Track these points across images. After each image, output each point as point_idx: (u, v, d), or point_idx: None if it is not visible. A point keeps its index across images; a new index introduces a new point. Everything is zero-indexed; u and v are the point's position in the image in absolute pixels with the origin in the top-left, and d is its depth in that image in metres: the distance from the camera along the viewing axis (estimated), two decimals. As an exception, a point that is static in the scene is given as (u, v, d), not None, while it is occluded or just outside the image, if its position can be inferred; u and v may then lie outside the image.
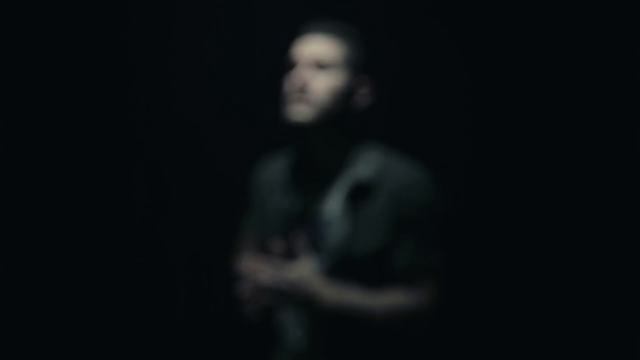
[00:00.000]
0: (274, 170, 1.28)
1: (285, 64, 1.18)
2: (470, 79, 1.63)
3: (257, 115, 1.73)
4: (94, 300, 1.81)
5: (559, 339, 1.56)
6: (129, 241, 1.84)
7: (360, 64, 1.16)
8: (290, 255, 1.06)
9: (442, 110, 1.65)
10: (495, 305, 1.61)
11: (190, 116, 1.80)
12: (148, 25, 1.78)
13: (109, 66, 1.80)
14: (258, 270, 1.03)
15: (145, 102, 1.81)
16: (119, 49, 1.80)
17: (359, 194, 1.13)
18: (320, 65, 1.12)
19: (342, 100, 1.13)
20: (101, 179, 1.82)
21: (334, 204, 1.15)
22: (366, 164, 1.15)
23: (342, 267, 1.10)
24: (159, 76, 1.79)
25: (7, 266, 1.75)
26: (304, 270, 1.05)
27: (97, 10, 1.76)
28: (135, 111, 1.82)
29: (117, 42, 1.79)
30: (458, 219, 1.55)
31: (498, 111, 1.63)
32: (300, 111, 1.10)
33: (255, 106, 1.74)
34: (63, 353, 1.76)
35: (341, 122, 1.14)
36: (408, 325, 1.12)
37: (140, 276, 1.84)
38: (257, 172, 1.34)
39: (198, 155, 1.81)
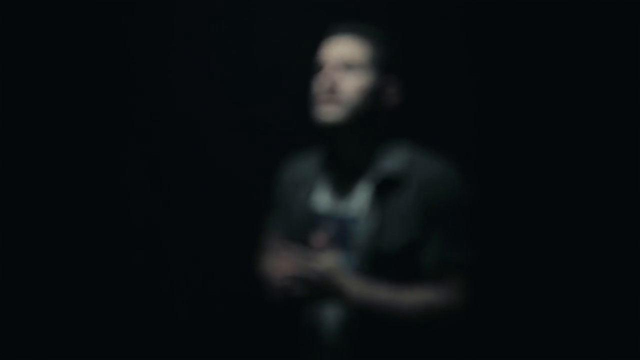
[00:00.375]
0: (299, 169, 1.30)
1: (313, 67, 1.20)
2: (480, 77, 1.64)
3: (268, 118, 1.74)
4: (97, 303, 1.79)
5: (585, 338, 1.55)
6: (136, 244, 1.83)
7: (388, 64, 1.18)
8: (317, 251, 1.07)
9: (460, 108, 1.66)
10: (521, 302, 1.59)
11: (195, 118, 1.80)
12: (150, 30, 1.78)
13: (111, 73, 1.79)
14: (285, 262, 1.03)
15: (148, 102, 1.81)
16: (122, 53, 1.79)
17: (386, 189, 1.14)
18: (348, 66, 1.14)
19: (371, 100, 1.14)
20: (102, 180, 1.81)
21: (361, 200, 1.16)
22: (394, 160, 1.16)
23: (370, 264, 1.11)
24: (162, 78, 1.78)
25: (9, 275, 1.73)
26: (331, 263, 1.05)
27: (100, 16, 1.76)
28: (137, 110, 1.81)
29: (120, 46, 1.79)
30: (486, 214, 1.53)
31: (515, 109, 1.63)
32: (329, 112, 1.12)
33: (268, 109, 1.74)
34: (62, 354, 1.75)
35: (370, 122, 1.16)
36: (436, 323, 1.11)
37: (154, 279, 1.83)
38: (282, 172, 1.35)
39: (204, 158, 1.80)
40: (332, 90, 1.12)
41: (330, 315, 1.16)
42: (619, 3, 1.50)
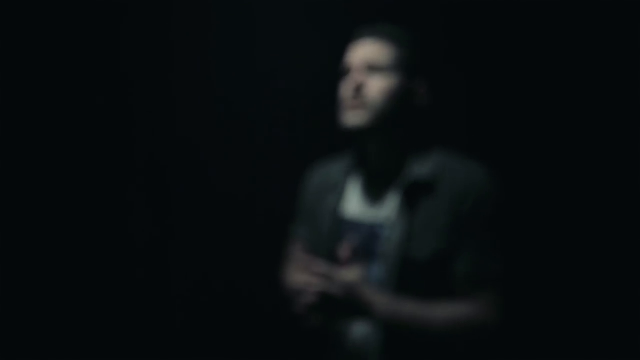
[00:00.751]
0: (327, 174, 1.26)
1: (339, 72, 1.18)
2: (478, 79, 1.62)
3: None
4: (101, 310, 1.79)
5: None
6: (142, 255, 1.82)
7: (414, 66, 1.15)
8: (344, 260, 1.03)
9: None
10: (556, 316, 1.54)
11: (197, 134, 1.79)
12: (150, 34, 1.78)
13: (109, 75, 1.80)
14: (309, 276, 0.99)
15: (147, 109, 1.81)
16: (120, 58, 1.79)
17: (417, 195, 1.10)
18: (372, 68, 1.11)
19: (397, 102, 1.11)
20: (103, 183, 1.81)
21: (390, 206, 1.12)
22: (424, 165, 1.12)
23: (398, 273, 1.07)
24: (161, 85, 1.79)
25: (10, 287, 1.73)
26: (355, 277, 1.01)
27: (99, 35, 1.77)
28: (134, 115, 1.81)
29: (116, 48, 1.79)
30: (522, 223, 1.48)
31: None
32: (355, 116, 1.10)
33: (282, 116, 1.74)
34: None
35: (398, 125, 1.13)
36: (467, 340, 1.06)
37: (170, 285, 1.82)
38: (308, 178, 1.32)
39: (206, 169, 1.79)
40: (357, 94, 1.10)
41: (357, 330, 1.12)
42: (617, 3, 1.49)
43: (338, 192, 1.20)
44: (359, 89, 1.10)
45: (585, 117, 1.53)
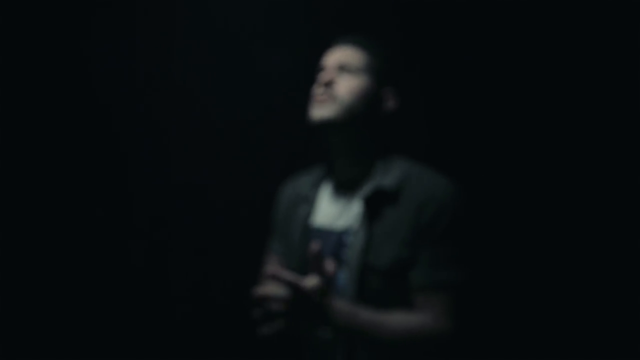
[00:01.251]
0: (298, 187, 1.30)
1: (314, 74, 1.24)
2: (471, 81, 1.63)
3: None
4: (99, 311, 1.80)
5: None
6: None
7: (383, 73, 1.20)
8: (312, 256, 1.03)
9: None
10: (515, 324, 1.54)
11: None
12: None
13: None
14: (274, 284, 0.99)
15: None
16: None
17: (381, 204, 1.12)
18: (344, 69, 1.17)
19: (364, 102, 1.15)
20: (104, 185, 1.83)
21: (353, 213, 1.15)
22: (389, 174, 1.14)
23: (359, 279, 1.08)
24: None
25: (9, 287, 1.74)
26: (316, 284, 1.00)
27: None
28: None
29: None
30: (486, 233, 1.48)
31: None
32: (323, 108, 1.14)
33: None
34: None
35: (363, 124, 1.16)
36: (421, 349, 1.06)
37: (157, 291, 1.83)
38: (280, 192, 1.36)
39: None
40: (327, 89, 1.15)
41: (314, 336, 1.13)
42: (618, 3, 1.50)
43: (309, 202, 1.23)
44: (328, 84, 1.15)
45: (547, 123, 1.55)
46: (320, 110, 1.14)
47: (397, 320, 1.05)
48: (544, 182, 1.56)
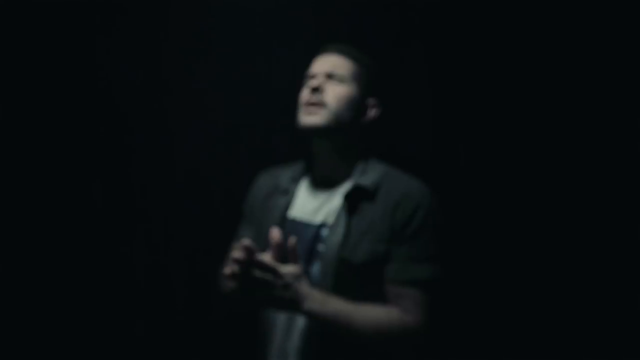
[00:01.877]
0: (276, 178, 1.33)
1: (303, 82, 1.28)
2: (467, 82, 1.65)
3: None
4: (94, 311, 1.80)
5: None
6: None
7: (369, 83, 1.26)
8: (284, 258, 1.05)
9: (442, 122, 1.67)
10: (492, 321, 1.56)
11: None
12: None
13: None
14: (249, 258, 0.99)
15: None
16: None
17: (358, 202, 1.17)
18: (332, 77, 1.22)
19: (351, 109, 1.21)
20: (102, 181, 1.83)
21: (333, 209, 1.19)
22: (367, 174, 1.21)
23: (333, 272, 1.12)
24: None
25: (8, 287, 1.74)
26: (294, 269, 1.03)
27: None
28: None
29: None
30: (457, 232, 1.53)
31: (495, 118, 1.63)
32: (312, 115, 1.18)
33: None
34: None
35: (349, 130, 1.22)
36: (390, 342, 1.10)
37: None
38: (255, 182, 1.39)
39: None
40: (315, 95, 1.19)
41: (283, 320, 1.17)
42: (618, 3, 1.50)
43: (288, 195, 1.26)
44: (316, 90, 1.19)
45: (548, 123, 1.57)
46: (311, 117, 1.18)
47: (368, 310, 1.09)
48: (545, 182, 1.57)
